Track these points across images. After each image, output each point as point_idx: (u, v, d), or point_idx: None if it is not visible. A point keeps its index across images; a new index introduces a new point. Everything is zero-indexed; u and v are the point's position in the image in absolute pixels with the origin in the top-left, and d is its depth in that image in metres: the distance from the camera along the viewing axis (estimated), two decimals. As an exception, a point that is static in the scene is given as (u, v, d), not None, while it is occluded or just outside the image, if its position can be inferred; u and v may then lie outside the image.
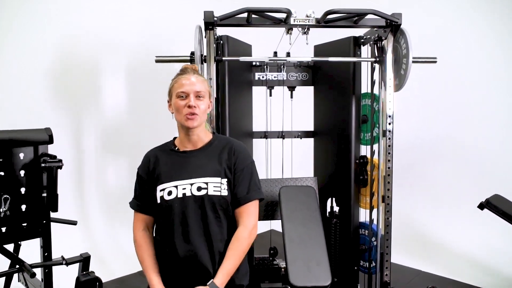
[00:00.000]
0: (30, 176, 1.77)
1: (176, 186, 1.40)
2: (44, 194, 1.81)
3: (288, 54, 2.76)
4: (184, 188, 1.40)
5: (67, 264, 1.81)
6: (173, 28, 3.71)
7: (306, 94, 3.05)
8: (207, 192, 1.39)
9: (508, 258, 3.16)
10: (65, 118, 3.37)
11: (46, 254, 1.85)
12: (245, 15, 2.04)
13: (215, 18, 2.06)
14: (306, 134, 3.00)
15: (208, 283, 1.33)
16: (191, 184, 1.40)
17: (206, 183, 1.40)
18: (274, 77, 2.85)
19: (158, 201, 1.42)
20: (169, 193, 1.40)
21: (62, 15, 3.30)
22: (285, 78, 2.86)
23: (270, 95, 2.88)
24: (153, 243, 1.49)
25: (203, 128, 1.51)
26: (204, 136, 1.51)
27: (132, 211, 1.53)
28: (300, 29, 2.21)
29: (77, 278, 1.73)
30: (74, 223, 2.07)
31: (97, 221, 3.45)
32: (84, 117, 3.49)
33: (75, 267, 1.83)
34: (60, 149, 1.87)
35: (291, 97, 2.93)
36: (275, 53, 2.79)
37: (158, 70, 3.61)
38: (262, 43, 2.96)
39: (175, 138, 1.57)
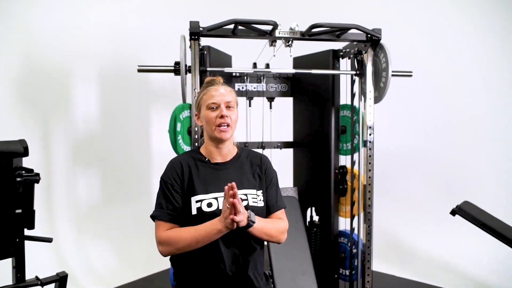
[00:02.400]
0: (3, 191, 1.64)
1: (216, 198, 1.39)
2: (19, 210, 1.69)
3: (267, 66, 2.79)
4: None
5: (42, 284, 1.68)
6: (148, 36, 3.64)
7: (285, 105, 3.08)
8: (248, 203, 1.41)
9: (476, 261, 3.33)
10: (32, 129, 3.18)
11: (19, 275, 1.73)
12: (231, 26, 2.04)
13: (201, 29, 2.04)
14: (286, 145, 3.03)
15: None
16: None
17: (246, 195, 1.42)
18: (254, 88, 2.86)
19: (194, 212, 1.38)
20: (209, 205, 1.38)
21: (29, 17, 3.11)
22: (264, 89, 2.88)
23: (250, 105, 2.89)
24: None
25: (232, 140, 1.52)
26: (232, 148, 1.52)
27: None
28: (283, 41, 2.24)
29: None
30: (49, 240, 1.94)
31: (67, 237, 3.26)
32: (53, 127, 3.30)
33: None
34: (26, 161, 1.76)
35: (270, 108, 2.95)
36: (255, 64, 2.80)
37: (132, 80, 3.51)
38: (242, 53, 2.96)
39: (198, 147, 1.54)
